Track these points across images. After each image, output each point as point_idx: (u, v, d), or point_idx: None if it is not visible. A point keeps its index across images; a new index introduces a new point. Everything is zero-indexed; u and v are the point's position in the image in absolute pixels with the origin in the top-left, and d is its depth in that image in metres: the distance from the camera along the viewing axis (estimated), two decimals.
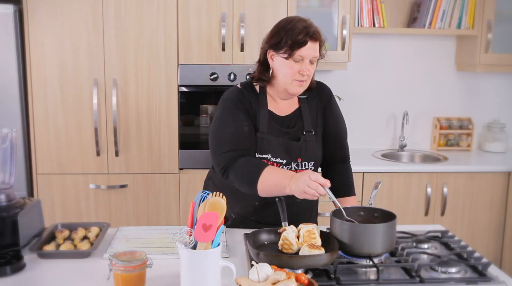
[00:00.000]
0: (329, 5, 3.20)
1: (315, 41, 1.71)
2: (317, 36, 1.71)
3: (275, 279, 1.21)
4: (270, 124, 1.78)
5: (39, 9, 2.77)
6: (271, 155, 1.76)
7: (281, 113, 1.83)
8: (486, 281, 1.39)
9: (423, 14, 3.32)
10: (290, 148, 1.78)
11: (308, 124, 1.83)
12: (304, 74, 1.71)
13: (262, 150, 1.76)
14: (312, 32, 1.69)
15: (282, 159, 1.76)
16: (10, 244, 1.50)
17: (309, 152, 1.80)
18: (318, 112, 1.87)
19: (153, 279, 1.37)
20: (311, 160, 1.80)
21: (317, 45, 1.72)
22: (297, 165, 1.79)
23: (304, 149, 1.79)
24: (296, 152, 1.78)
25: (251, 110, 1.78)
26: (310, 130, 1.82)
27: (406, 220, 3.05)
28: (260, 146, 1.76)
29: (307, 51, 1.69)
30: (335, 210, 1.60)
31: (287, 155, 1.77)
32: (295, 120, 1.83)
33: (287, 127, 1.81)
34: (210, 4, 2.85)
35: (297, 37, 1.67)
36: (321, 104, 1.88)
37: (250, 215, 1.85)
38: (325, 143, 1.88)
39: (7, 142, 1.54)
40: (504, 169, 3.09)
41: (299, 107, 1.85)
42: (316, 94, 1.89)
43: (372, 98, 3.58)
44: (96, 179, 2.93)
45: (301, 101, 1.86)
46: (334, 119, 1.90)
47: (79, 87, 2.85)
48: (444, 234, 1.74)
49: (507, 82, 3.65)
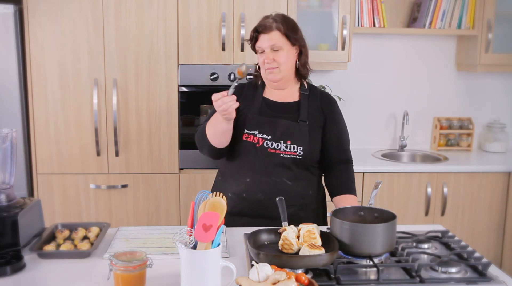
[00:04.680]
0: (329, 5, 3.20)
1: (267, 33, 1.89)
2: (268, 29, 1.89)
3: (275, 279, 1.21)
4: (262, 107, 1.97)
5: (39, 9, 2.77)
6: (258, 131, 1.92)
7: (279, 100, 1.99)
8: (486, 281, 1.39)
9: (423, 14, 3.32)
10: (278, 128, 1.92)
11: (304, 115, 1.95)
12: (267, 63, 1.90)
13: (250, 127, 1.93)
14: (261, 26, 1.90)
15: (267, 135, 1.91)
16: (10, 244, 1.50)
17: (300, 137, 1.92)
18: (318, 112, 1.99)
19: (153, 279, 1.37)
20: (300, 145, 1.91)
21: (271, 34, 1.89)
22: (286, 147, 1.91)
23: (295, 133, 1.92)
24: (286, 134, 1.91)
25: (247, 98, 1.99)
26: (304, 120, 1.94)
27: (406, 220, 3.05)
28: (249, 124, 1.93)
29: (261, 43, 1.91)
30: (335, 210, 1.60)
31: (273, 132, 1.91)
32: (292, 109, 1.97)
33: (282, 112, 1.96)
34: (210, 4, 2.85)
35: (251, 34, 1.93)
36: (324, 108, 2.00)
37: (243, 192, 1.94)
38: (328, 146, 1.99)
39: (7, 142, 1.54)
40: (504, 169, 3.09)
41: (299, 100, 1.99)
42: (320, 97, 2.03)
43: (372, 98, 3.58)
44: (96, 179, 2.93)
45: (302, 97, 1.99)
46: (337, 125, 2.02)
47: (79, 87, 2.85)
48: (444, 234, 1.74)
49: (507, 82, 3.65)
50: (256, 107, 1.96)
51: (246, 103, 1.98)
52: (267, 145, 1.91)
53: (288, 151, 1.90)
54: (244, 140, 1.93)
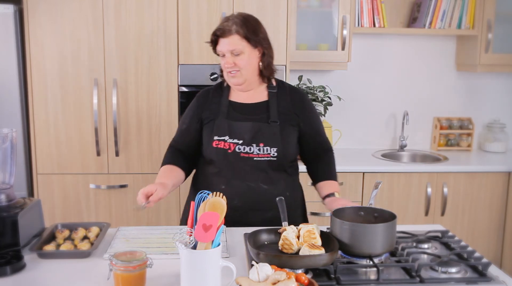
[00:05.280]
0: (329, 5, 3.20)
1: (226, 37, 1.83)
2: (227, 33, 1.83)
3: (275, 279, 1.21)
4: (229, 111, 1.92)
5: (39, 9, 2.77)
6: (228, 137, 1.88)
7: (246, 102, 1.95)
8: (486, 281, 1.39)
9: (423, 14, 3.32)
10: (249, 131, 1.87)
11: (274, 115, 1.91)
12: (228, 67, 1.86)
13: (220, 133, 1.88)
14: (220, 30, 1.84)
15: (238, 139, 1.87)
16: (10, 244, 1.50)
17: (272, 138, 1.88)
18: (289, 109, 1.94)
19: (153, 279, 1.37)
20: (273, 146, 1.87)
21: (231, 38, 1.83)
22: (259, 149, 1.87)
23: (267, 134, 1.87)
24: (257, 136, 1.87)
25: (212, 104, 1.95)
26: (275, 121, 1.90)
27: (406, 220, 3.05)
28: (218, 130, 1.89)
29: (221, 47, 1.86)
30: (335, 210, 1.60)
31: (243, 136, 1.87)
32: (260, 109, 1.93)
33: (250, 114, 1.92)
34: (210, 4, 2.85)
35: (211, 37, 1.89)
36: (294, 106, 1.96)
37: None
38: (306, 141, 1.98)
39: (7, 142, 1.54)
40: (504, 169, 3.09)
41: (268, 100, 1.95)
42: (289, 94, 1.98)
43: (372, 98, 3.58)
44: (96, 179, 2.93)
45: (271, 95, 1.96)
46: (311, 119, 1.99)
47: (79, 87, 2.85)
48: (444, 234, 1.74)
49: (507, 82, 3.65)
50: (224, 112, 1.91)
51: (212, 109, 1.94)
52: (239, 150, 1.86)
53: (261, 154, 1.86)
54: (215, 147, 1.88)
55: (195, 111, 1.97)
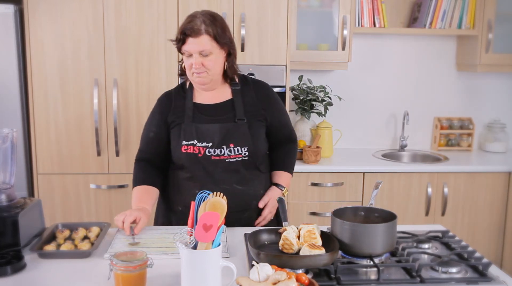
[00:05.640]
0: (330, 5, 3.20)
1: (196, 37, 1.75)
2: (196, 33, 1.75)
3: (275, 279, 1.21)
4: (195, 114, 1.87)
5: (39, 9, 2.77)
6: (197, 141, 1.83)
7: (211, 102, 1.91)
8: (487, 281, 1.39)
9: (423, 14, 3.32)
10: (217, 133, 1.84)
11: (241, 113, 1.88)
12: (196, 68, 1.78)
13: (187, 137, 1.84)
14: (189, 29, 1.75)
15: (208, 142, 1.83)
16: (11, 244, 1.50)
17: (242, 138, 1.85)
18: (255, 105, 1.92)
19: (153, 279, 1.37)
20: (244, 146, 1.85)
21: (201, 39, 1.76)
22: (230, 150, 1.84)
23: (236, 134, 1.85)
24: (226, 137, 1.84)
25: (177, 108, 1.89)
26: (242, 118, 1.87)
27: (407, 220, 3.05)
28: (185, 135, 1.84)
29: (189, 47, 1.77)
30: (335, 210, 1.60)
31: (213, 139, 1.83)
32: (226, 108, 1.89)
33: (216, 115, 1.88)
34: (210, 4, 2.84)
35: (178, 35, 1.79)
36: (259, 101, 1.93)
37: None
38: (273, 132, 1.98)
39: (7, 142, 1.54)
40: (505, 169, 3.09)
41: (232, 98, 1.91)
42: (253, 89, 1.95)
43: (373, 98, 3.58)
44: (97, 179, 2.93)
45: (234, 93, 1.92)
46: (276, 110, 1.98)
47: (79, 87, 2.85)
48: (445, 234, 1.74)
49: (508, 82, 3.65)
50: (189, 115, 1.86)
51: (177, 113, 1.89)
52: (210, 153, 1.82)
53: (233, 155, 1.83)
54: (184, 152, 1.83)
55: (160, 117, 1.91)
